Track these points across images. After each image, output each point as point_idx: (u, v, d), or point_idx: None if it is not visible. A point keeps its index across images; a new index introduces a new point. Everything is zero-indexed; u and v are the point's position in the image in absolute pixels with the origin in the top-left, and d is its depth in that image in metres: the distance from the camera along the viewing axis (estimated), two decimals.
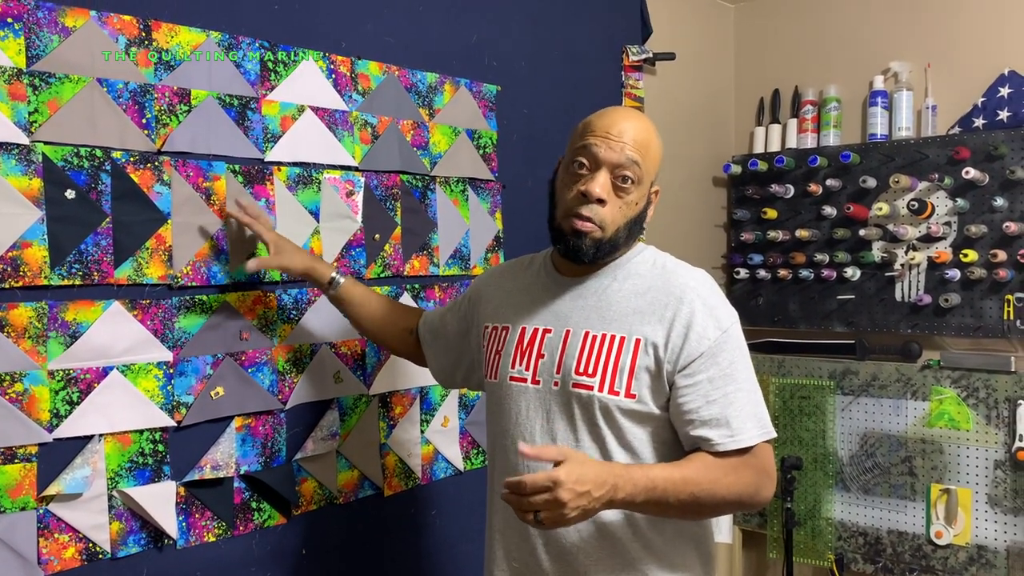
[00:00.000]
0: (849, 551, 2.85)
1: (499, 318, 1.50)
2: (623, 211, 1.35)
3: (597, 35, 2.56)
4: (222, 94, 1.65)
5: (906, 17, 2.86)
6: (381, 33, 1.95)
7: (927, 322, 2.73)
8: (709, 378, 1.31)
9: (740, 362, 1.34)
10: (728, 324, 1.34)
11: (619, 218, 1.35)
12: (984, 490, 2.59)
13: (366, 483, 1.92)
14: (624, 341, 1.34)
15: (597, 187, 1.32)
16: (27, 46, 1.40)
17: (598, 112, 1.39)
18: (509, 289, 1.53)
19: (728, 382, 1.32)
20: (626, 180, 1.34)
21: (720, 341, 1.32)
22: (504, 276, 1.58)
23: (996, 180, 2.58)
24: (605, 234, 1.34)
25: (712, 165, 3.18)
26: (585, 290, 1.41)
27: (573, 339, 1.37)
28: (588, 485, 1.16)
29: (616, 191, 1.34)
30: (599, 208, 1.33)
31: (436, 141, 2.05)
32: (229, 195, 1.65)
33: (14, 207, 1.38)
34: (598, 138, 1.33)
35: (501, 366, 1.46)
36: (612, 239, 1.36)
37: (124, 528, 1.52)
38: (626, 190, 1.34)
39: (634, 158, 1.33)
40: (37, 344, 1.41)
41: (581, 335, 1.37)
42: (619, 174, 1.33)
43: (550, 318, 1.42)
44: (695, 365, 1.31)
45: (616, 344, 1.34)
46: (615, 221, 1.35)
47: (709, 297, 1.35)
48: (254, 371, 1.70)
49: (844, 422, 2.87)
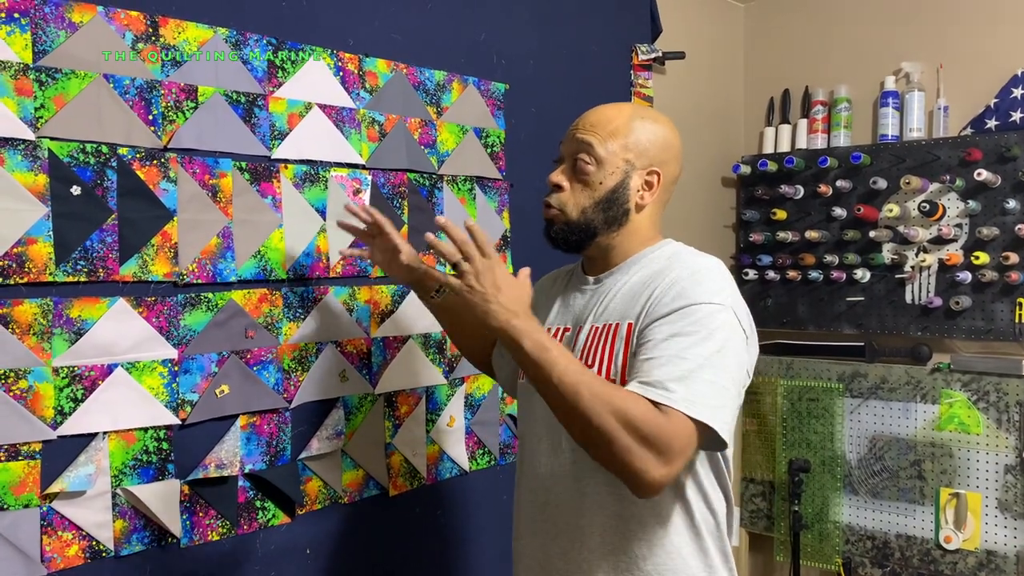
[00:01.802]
0: (857, 555, 2.83)
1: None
2: (586, 192, 1.40)
3: (606, 34, 2.55)
4: (229, 91, 1.64)
5: (918, 17, 2.83)
6: (389, 30, 1.94)
7: (937, 325, 2.71)
8: (657, 339, 1.24)
9: (704, 336, 1.23)
10: (701, 300, 1.26)
11: (582, 199, 1.40)
12: (994, 495, 2.57)
13: (371, 483, 1.91)
14: (617, 327, 1.35)
15: (553, 176, 1.43)
16: (33, 41, 1.40)
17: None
18: (549, 293, 1.57)
19: (672, 345, 1.23)
20: (577, 163, 1.40)
21: (685, 312, 1.25)
22: (547, 282, 1.64)
23: (1008, 182, 2.56)
24: (569, 217, 1.40)
25: (721, 165, 3.16)
26: (602, 287, 1.44)
27: (581, 335, 1.41)
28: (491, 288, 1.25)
29: (575, 175, 1.41)
30: (557, 193, 1.42)
31: (444, 139, 2.04)
32: (235, 192, 1.65)
33: (19, 203, 1.38)
34: (567, 133, 1.44)
35: None
36: (580, 221, 1.40)
37: (128, 526, 1.51)
38: (583, 171, 1.40)
39: (586, 140, 1.39)
40: (42, 341, 1.41)
41: (588, 330, 1.40)
42: (575, 159, 1.41)
43: (569, 317, 1.47)
44: (651, 327, 1.27)
45: (611, 332, 1.35)
46: (578, 203, 1.40)
47: (698, 274, 1.31)
48: (259, 369, 1.69)
49: (853, 425, 2.84)
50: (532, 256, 2.20)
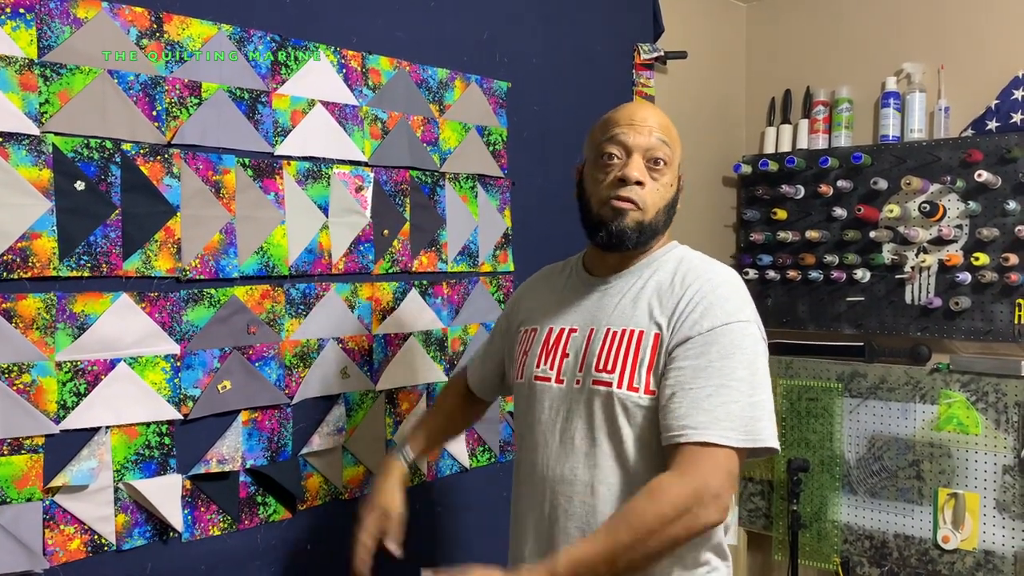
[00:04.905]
0: (855, 554, 2.84)
1: (531, 321, 1.50)
2: (660, 192, 1.36)
3: (609, 33, 2.55)
4: (233, 87, 1.65)
5: (920, 18, 2.84)
6: (392, 28, 1.95)
7: (937, 325, 2.71)
8: (693, 367, 1.25)
9: (737, 361, 1.25)
10: (732, 320, 1.27)
11: (658, 200, 1.36)
12: (992, 495, 2.58)
13: (372, 479, 1.91)
14: (643, 335, 1.32)
15: (635, 170, 1.34)
16: (38, 37, 1.40)
17: (614, 109, 1.41)
18: (542, 293, 1.53)
19: (712, 376, 1.24)
20: (658, 162, 1.36)
21: (718, 333, 1.26)
22: (539, 282, 1.59)
23: (1009, 183, 2.56)
24: (646, 216, 1.35)
25: (722, 164, 3.16)
26: (612, 288, 1.40)
27: (596, 337, 1.36)
28: None
29: (651, 173, 1.36)
30: (639, 189, 1.34)
31: (446, 137, 2.05)
32: (238, 189, 1.65)
33: (24, 198, 1.38)
34: (624, 127, 1.36)
35: (527, 366, 1.45)
36: (653, 222, 1.36)
37: (129, 520, 1.52)
38: (660, 171, 1.36)
39: (663, 138, 1.36)
40: (45, 335, 1.41)
41: (603, 332, 1.36)
42: (651, 156, 1.35)
43: (576, 318, 1.42)
44: (683, 348, 1.27)
45: (635, 339, 1.32)
46: (655, 203, 1.36)
47: (721, 288, 1.31)
48: (261, 365, 1.70)
49: (852, 425, 2.85)
50: (533, 253, 2.21)
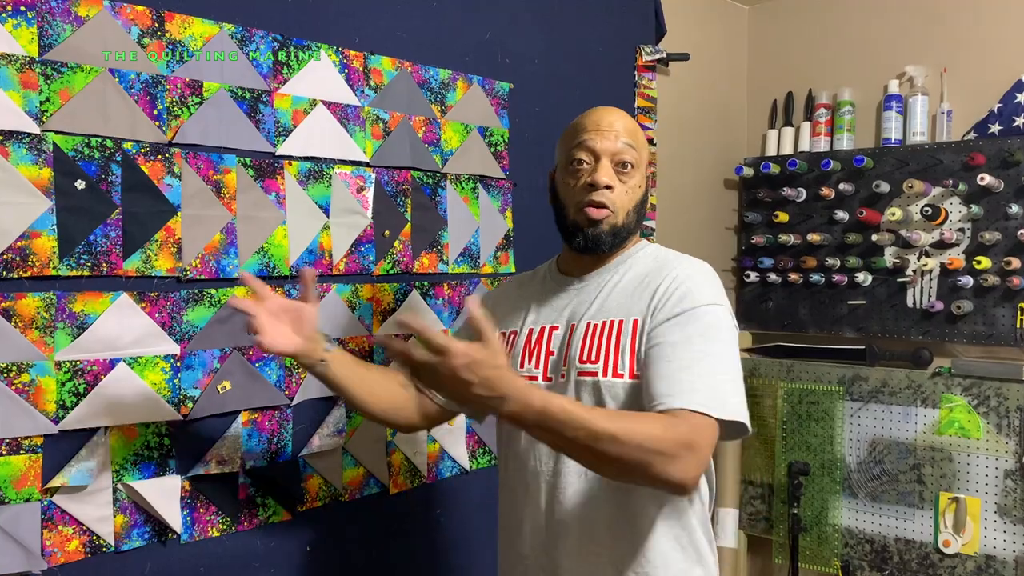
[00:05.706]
0: (855, 558, 2.83)
1: (510, 325, 1.52)
2: (629, 195, 1.42)
3: (611, 34, 2.55)
4: (234, 87, 1.64)
5: (922, 21, 2.83)
6: (394, 28, 1.94)
7: (938, 329, 2.70)
8: (672, 342, 1.29)
9: (714, 337, 1.30)
10: (707, 302, 1.33)
11: (627, 202, 1.42)
12: (994, 499, 2.57)
13: (372, 480, 1.91)
14: (623, 324, 1.36)
15: (604, 175, 1.39)
16: (39, 35, 1.40)
17: (582, 114, 1.46)
18: (516, 300, 1.56)
19: (693, 348, 1.28)
20: (626, 165, 1.41)
21: (697, 313, 1.31)
22: (510, 287, 1.63)
23: (1011, 187, 2.56)
24: (618, 219, 1.41)
25: (724, 167, 3.16)
26: (589, 286, 1.45)
27: (577, 331, 1.41)
28: (476, 377, 1.09)
29: (619, 176, 1.41)
30: (609, 193, 1.40)
31: (448, 138, 2.04)
32: (239, 189, 1.65)
33: (24, 196, 1.38)
34: (591, 133, 1.41)
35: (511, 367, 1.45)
36: (625, 224, 1.42)
37: (128, 521, 1.51)
38: (628, 174, 1.41)
39: (629, 142, 1.41)
40: (44, 335, 1.41)
41: (584, 326, 1.40)
42: (618, 160, 1.40)
43: (555, 316, 1.46)
44: (662, 327, 1.31)
45: (616, 328, 1.37)
46: (624, 205, 1.41)
47: (697, 276, 1.37)
48: (261, 366, 1.69)
49: (853, 428, 2.84)
50: (534, 255, 2.20)
